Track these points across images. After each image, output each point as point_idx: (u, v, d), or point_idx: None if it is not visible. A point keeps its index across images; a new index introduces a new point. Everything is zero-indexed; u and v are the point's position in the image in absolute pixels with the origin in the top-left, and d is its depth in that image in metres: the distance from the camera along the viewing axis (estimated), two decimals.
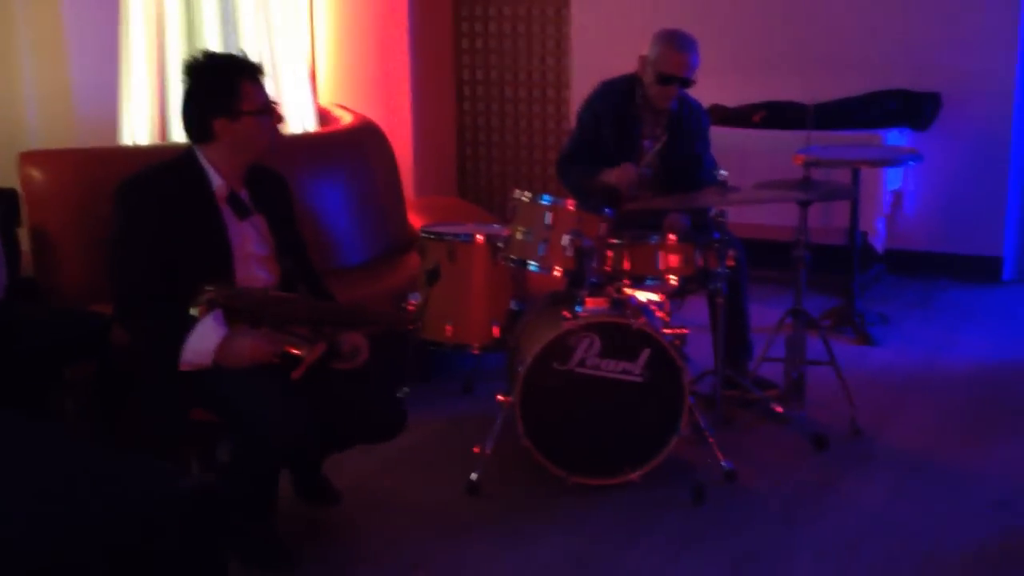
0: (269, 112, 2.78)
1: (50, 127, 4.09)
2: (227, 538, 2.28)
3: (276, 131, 2.86)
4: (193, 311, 2.60)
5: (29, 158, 3.56)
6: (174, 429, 2.86)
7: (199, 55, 2.80)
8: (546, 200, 3.26)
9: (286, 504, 3.02)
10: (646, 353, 3.16)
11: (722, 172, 3.40)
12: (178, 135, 4.25)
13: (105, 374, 3.16)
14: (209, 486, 1.59)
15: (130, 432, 3.18)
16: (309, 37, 5.01)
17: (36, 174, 3.53)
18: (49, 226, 3.52)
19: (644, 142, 3.75)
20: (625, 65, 3.90)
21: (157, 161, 2.83)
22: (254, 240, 2.83)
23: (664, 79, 3.63)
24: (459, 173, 6.36)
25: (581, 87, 5.12)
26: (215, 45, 4.27)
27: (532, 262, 3.26)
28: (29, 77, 4.15)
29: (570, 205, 3.25)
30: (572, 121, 5.54)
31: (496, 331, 3.46)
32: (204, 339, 2.62)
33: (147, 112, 4.18)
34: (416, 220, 4.68)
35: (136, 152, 3.97)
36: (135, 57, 4.13)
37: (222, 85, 2.72)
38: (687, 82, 3.67)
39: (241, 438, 2.70)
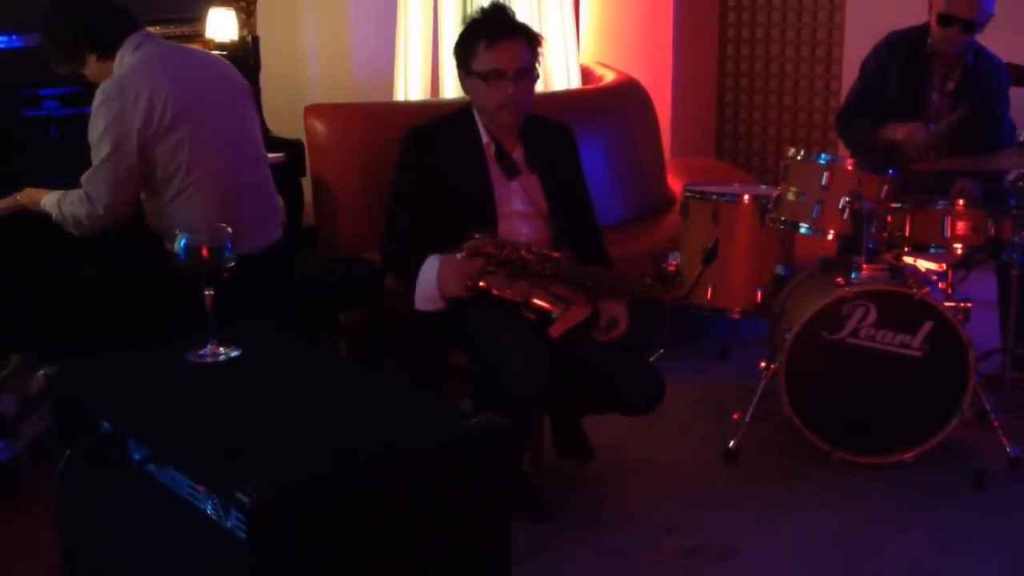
0: (495, 77, 2.68)
1: (331, 83, 4.31)
2: (513, 479, 2.32)
3: (505, 100, 2.69)
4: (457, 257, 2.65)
5: (313, 111, 3.74)
6: (435, 371, 2.94)
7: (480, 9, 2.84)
8: (823, 159, 3.09)
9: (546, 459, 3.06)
10: (927, 326, 2.95)
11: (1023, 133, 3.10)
12: (449, 92, 4.38)
13: (376, 319, 3.30)
14: (498, 427, 1.60)
15: (397, 376, 3.32)
16: None
17: (319, 126, 3.71)
18: (328, 176, 3.71)
19: (933, 96, 3.47)
20: (904, 21, 3.62)
21: (446, 112, 2.89)
22: (520, 198, 2.84)
23: (945, 19, 3.32)
24: (718, 134, 6.18)
25: (855, 44, 4.83)
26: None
27: (804, 224, 3.10)
28: (312, 37, 4.39)
29: (849, 165, 3.06)
30: (844, 80, 5.27)
31: (759, 296, 3.34)
32: (427, 273, 2.67)
33: (420, 70, 4.32)
34: (674, 181, 4.59)
35: (411, 107, 4.12)
36: (411, 17, 4.28)
37: (464, 41, 2.76)
38: (970, 24, 3.33)
39: (484, 383, 2.72)
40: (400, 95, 4.34)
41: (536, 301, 2.68)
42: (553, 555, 2.65)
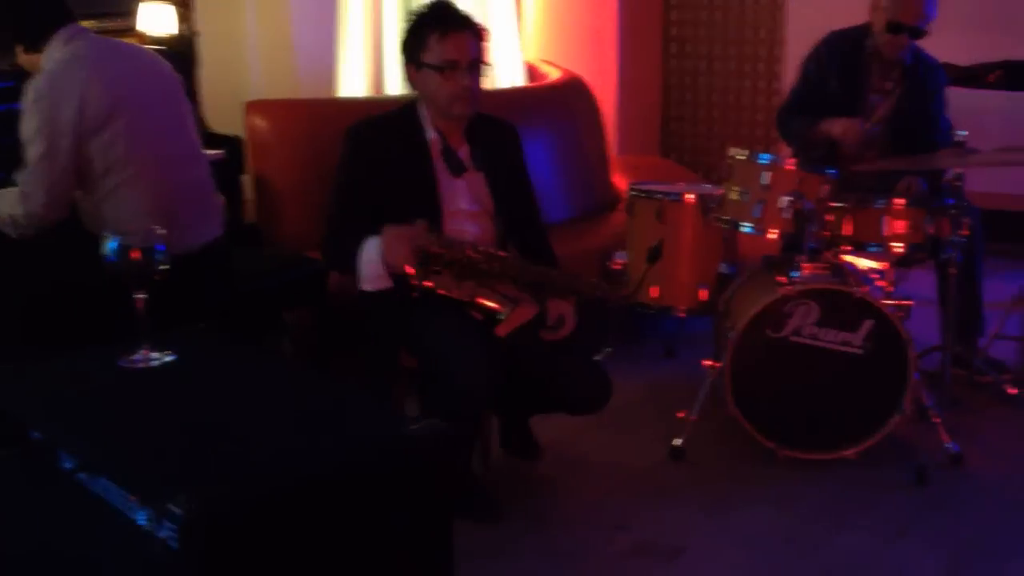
0: (449, 69, 2.65)
1: (272, 79, 4.23)
2: (456, 484, 2.29)
3: (461, 91, 2.67)
4: None
5: (254, 107, 3.68)
6: (382, 371, 2.90)
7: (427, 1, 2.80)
8: (764, 159, 3.11)
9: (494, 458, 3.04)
10: (868, 324, 2.98)
11: (960, 132, 3.15)
12: (392, 88, 4.33)
13: (322, 318, 3.25)
14: (441, 432, 1.57)
15: (343, 377, 3.28)
16: None
17: (260, 122, 3.65)
18: (271, 173, 3.65)
19: (872, 96, 3.51)
20: (845, 22, 3.66)
21: (390, 108, 2.85)
22: (466, 197, 2.82)
23: (894, 27, 3.37)
24: (663, 132, 6.21)
25: (796, 44, 4.87)
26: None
27: (746, 224, 3.12)
28: (253, 31, 4.30)
29: (790, 165, 3.08)
30: (785, 80, 5.31)
31: (703, 295, 3.35)
32: (368, 250, 2.62)
33: (363, 65, 4.27)
34: (619, 179, 4.60)
35: (355, 104, 4.07)
36: (352, 12, 4.22)
37: (413, 33, 2.72)
38: (919, 32, 3.39)
39: (430, 383, 2.68)
40: (344, 90, 4.28)
41: (483, 301, 2.66)
42: (502, 554, 2.63)
